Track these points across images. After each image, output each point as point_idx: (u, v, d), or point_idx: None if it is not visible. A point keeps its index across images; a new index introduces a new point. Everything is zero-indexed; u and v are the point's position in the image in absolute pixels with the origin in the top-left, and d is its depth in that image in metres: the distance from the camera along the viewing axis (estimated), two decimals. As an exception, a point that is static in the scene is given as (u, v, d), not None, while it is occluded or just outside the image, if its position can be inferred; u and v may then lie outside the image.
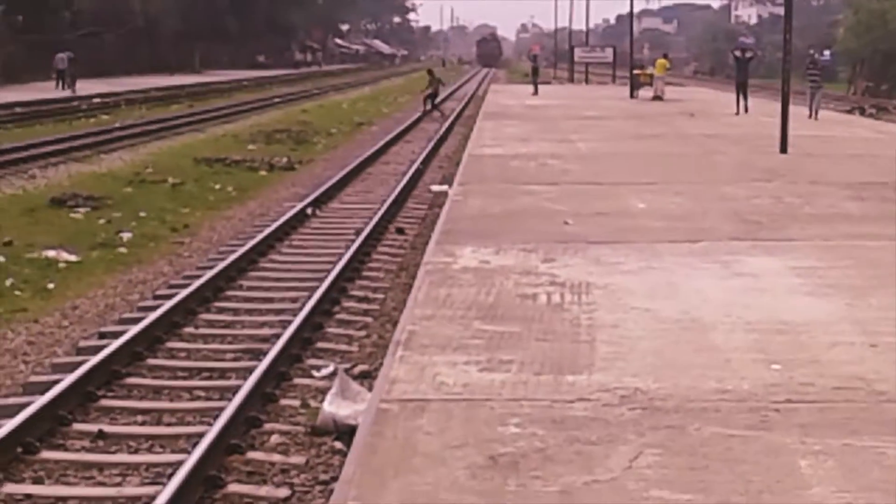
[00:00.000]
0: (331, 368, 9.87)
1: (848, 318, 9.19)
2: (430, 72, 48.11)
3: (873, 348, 8.28)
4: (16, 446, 7.90)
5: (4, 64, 57.37)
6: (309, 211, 19.00)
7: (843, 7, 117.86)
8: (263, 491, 7.37)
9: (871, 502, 5.58)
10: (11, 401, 9.14)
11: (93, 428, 8.54)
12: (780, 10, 29.15)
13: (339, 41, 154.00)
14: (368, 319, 11.97)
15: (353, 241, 15.77)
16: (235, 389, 9.06)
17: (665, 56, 52.76)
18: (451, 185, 19.45)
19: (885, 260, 11.65)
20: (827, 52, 37.33)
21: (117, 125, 36.36)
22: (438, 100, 46.78)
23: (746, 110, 35.79)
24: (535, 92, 52.85)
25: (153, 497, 6.90)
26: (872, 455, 6.18)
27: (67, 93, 51.32)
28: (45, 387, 9.17)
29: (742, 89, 37.09)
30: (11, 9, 66.86)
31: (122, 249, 16.40)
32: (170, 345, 10.93)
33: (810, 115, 33.67)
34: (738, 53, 41.37)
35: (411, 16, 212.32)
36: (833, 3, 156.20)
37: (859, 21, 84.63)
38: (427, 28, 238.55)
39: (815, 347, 8.31)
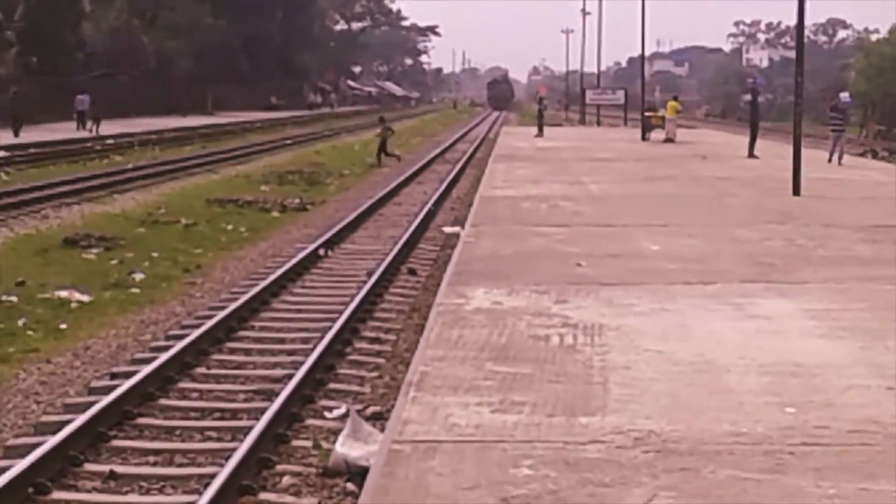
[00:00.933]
0: (343, 409, 9.86)
1: (863, 361, 9.16)
2: (381, 119, 47.19)
3: (889, 391, 8.25)
4: (27, 486, 7.89)
5: (18, 106, 57.54)
6: (321, 252, 19.01)
7: (854, 51, 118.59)
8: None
9: (888, 547, 5.56)
10: (23, 441, 9.15)
11: (104, 468, 8.54)
12: (792, 54, 29.18)
13: (351, 83, 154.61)
14: (381, 360, 11.97)
15: (365, 281, 15.78)
16: (247, 430, 9.04)
17: (675, 98, 52.83)
18: (463, 226, 19.45)
19: (900, 303, 11.64)
20: (846, 95, 36.73)
21: (130, 166, 36.61)
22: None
23: (756, 155, 35.73)
24: (540, 133, 52.97)
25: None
26: (889, 499, 6.15)
27: (88, 133, 51.47)
28: (57, 427, 9.17)
29: (754, 131, 37.10)
30: (25, 50, 67.28)
31: (135, 290, 16.44)
32: (182, 385, 10.93)
33: (830, 160, 33.17)
34: (752, 96, 41.51)
35: (423, 58, 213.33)
36: (844, 46, 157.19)
37: (870, 64, 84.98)
38: (439, 70, 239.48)
39: (830, 390, 8.28)
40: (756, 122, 37.71)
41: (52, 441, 8.58)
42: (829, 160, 32.86)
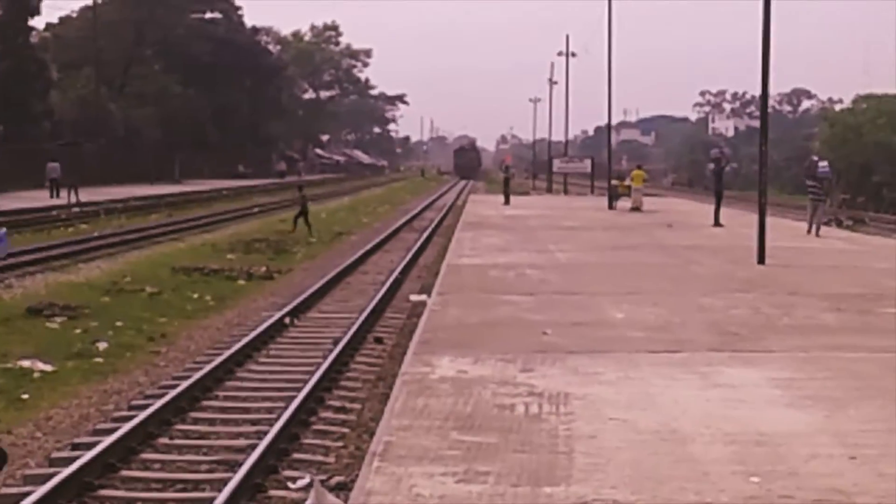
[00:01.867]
0: (307, 480, 9.80)
1: (827, 430, 9.19)
2: (299, 188, 46.89)
3: (852, 461, 8.27)
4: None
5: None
6: (287, 321, 18.97)
7: (818, 120, 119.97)
8: None
9: None
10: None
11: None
12: (757, 123, 29.47)
13: (319, 151, 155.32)
14: (346, 430, 11.91)
15: (331, 350, 15.73)
16: (209, 502, 8.98)
17: (641, 167, 53.35)
18: (429, 294, 19.45)
19: (865, 371, 11.69)
20: (825, 165, 35.88)
21: (96, 234, 36.55)
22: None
23: (721, 224, 35.79)
24: (507, 202, 53.40)
25: None
26: (853, 569, 6.16)
27: (66, 202, 51.22)
28: (16, 499, 9.09)
29: (719, 200, 37.28)
30: (-7, 118, 67.39)
31: (99, 359, 16.33)
32: (144, 456, 10.84)
33: (809, 231, 32.15)
34: (716, 166, 41.70)
35: (391, 126, 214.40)
36: (808, 116, 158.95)
37: (835, 134, 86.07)
38: (407, 138, 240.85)
39: (794, 459, 8.30)
40: (720, 191, 37.91)
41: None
42: (808, 231, 32.12)
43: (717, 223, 35.69)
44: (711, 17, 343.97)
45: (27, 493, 9.10)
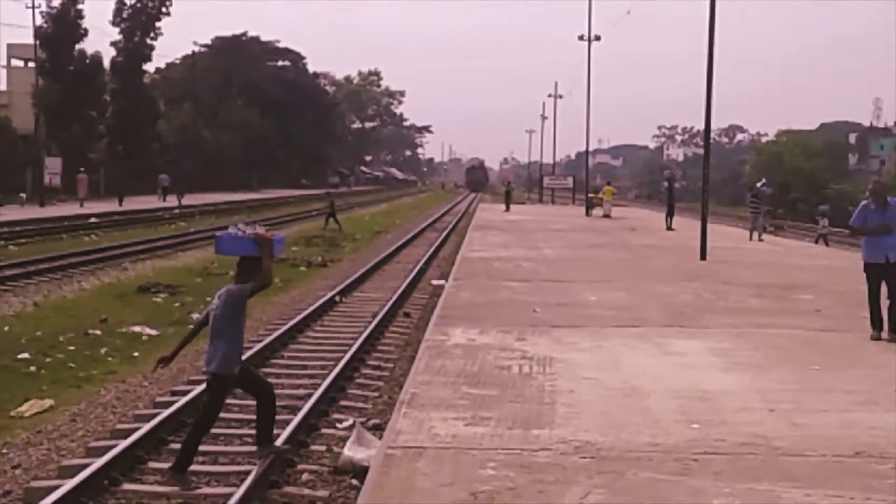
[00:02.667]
0: (350, 421, 9.81)
1: (752, 389, 9.18)
2: (328, 193, 47.25)
3: (771, 412, 8.27)
4: (103, 479, 7.82)
5: (112, 182, 58.26)
6: (337, 299, 18.97)
7: (749, 149, 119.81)
8: (295, 518, 7.30)
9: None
10: (101, 444, 9.08)
11: (164, 465, 8.46)
12: (702, 151, 29.43)
13: (364, 168, 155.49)
14: (380, 383, 11.92)
15: (370, 322, 15.74)
16: (274, 437, 8.97)
17: (609, 184, 53.61)
18: (447, 279, 19.45)
19: (781, 344, 11.68)
20: (766, 184, 36.16)
21: (192, 230, 36.58)
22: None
23: (673, 228, 35.74)
24: (507, 209, 54.15)
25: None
26: (769, 497, 6.17)
27: (171, 204, 52.85)
28: (128, 433, 9.11)
29: (671, 210, 37.27)
30: (114, 140, 67.60)
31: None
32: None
33: (751, 237, 31.59)
34: (668, 183, 41.67)
35: (419, 150, 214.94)
36: (741, 146, 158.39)
37: (761, 160, 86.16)
38: (431, 159, 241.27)
39: (726, 411, 8.29)
40: (672, 203, 37.87)
41: (123, 444, 8.52)
42: (751, 238, 31.51)
43: (669, 228, 35.64)
44: (666, 68, 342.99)
45: (136, 429, 9.14)
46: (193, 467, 8.35)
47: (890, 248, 11.69)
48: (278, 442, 8.56)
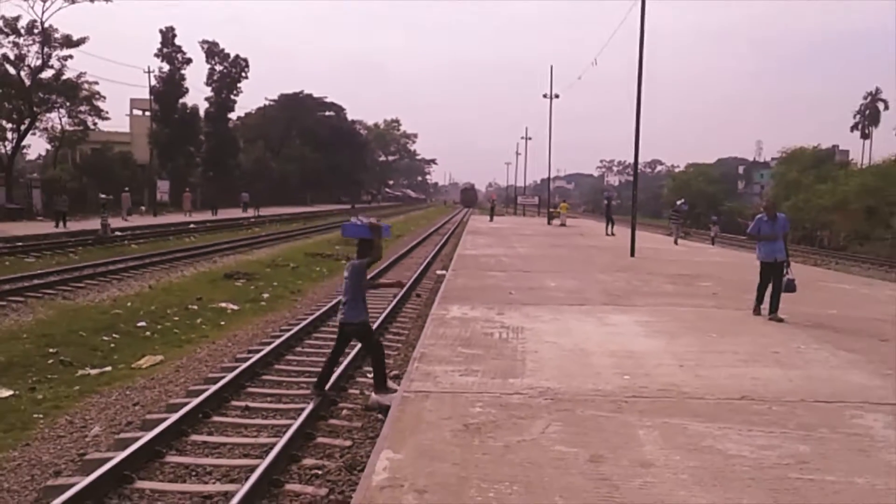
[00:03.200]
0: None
1: (667, 351, 9.18)
2: (353, 206, 48.02)
3: (681, 367, 8.27)
4: (199, 413, 7.85)
5: (206, 199, 58.48)
6: (368, 283, 18.96)
7: (666, 177, 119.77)
8: (337, 442, 7.30)
9: (676, 454, 5.55)
10: (198, 387, 9.10)
11: (242, 404, 8.47)
12: (632, 178, 29.44)
13: (387, 189, 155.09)
14: (399, 345, 11.93)
15: (392, 300, 15.73)
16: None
17: (565, 202, 53.72)
18: (447, 270, 19.44)
19: (688, 318, 11.67)
20: (684, 202, 37.43)
21: (263, 234, 36.55)
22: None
23: (613, 234, 35.69)
24: (491, 219, 53.98)
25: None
26: (679, 429, 6.17)
27: (250, 214, 52.93)
28: (217, 380, 9.14)
29: (609, 221, 37.21)
30: (207, 168, 67.60)
31: (263, 303, 16.39)
32: (287, 357, 10.86)
33: (676, 242, 31.27)
34: (607, 202, 41.62)
35: (428, 176, 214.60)
36: (660, 174, 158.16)
37: (675, 186, 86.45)
38: (436, 183, 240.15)
39: (648, 366, 8.29)
40: (610, 216, 37.83)
41: (212, 388, 8.54)
42: (675, 242, 31.20)
43: (609, 234, 35.51)
44: (606, 116, 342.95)
45: (221, 378, 9.16)
46: (268, 405, 8.38)
47: (777, 251, 11.69)
48: (327, 385, 8.58)
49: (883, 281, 22.36)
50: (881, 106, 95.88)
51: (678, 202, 36.45)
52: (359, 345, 9.94)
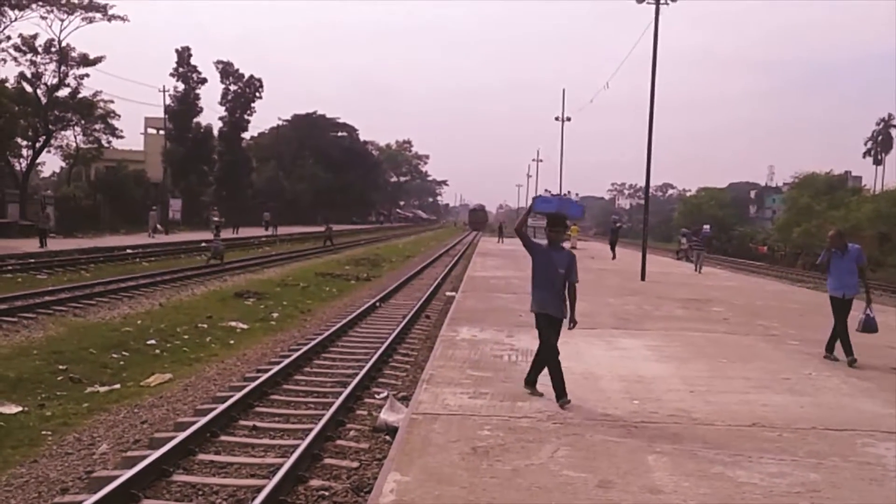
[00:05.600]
0: (385, 393, 9.80)
1: (677, 375, 9.14)
2: (327, 226, 47.83)
3: (691, 393, 8.23)
4: (206, 433, 7.84)
5: (227, 218, 59.01)
6: (377, 304, 18.98)
7: (677, 201, 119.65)
8: (345, 463, 7.28)
9: (686, 481, 5.51)
10: (205, 406, 9.10)
11: (250, 424, 8.46)
12: (642, 201, 29.35)
13: (399, 210, 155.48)
14: (407, 366, 11.90)
15: (401, 321, 15.73)
16: (330, 405, 8.98)
17: (574, 224, 53.73)
18: (456, 291, 19.43)
19: (699, 342, 11.62)
20: (707, 228, 35.03)
21: (273, 253, 36.66)
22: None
23: (615, 257, 35.49)
24: (500, 241, 53.93)
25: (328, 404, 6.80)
26: (689, 455, 6.13)
27: (270, 233, 53.28)
28: (225, 398, 9.14)
29: (614, 245, 37.07)
30: (219, 188, 68.02)
31: (273, 322, 16.42)
32: (296, 377, 10.86)
33: (696, 270, 28.67)
34: (613, 226, 41.62)
35: (439, 197, 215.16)
36: (671, 198, 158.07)
37: (686, 210, 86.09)
38: (447, 204, 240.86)
39: (658, 391, 8.25)
40: (615, 240, 37.66)
41: (221, 407, 8.54)
42: (696, 270, 28.69)
43: (613, 258, 35.28)
44: (618, 140, 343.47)
45: (229, 397, 9.16)
46: (276, 425, 8.35)
47: (847, 286, 10.33)
48: (335, 405, 8.56)
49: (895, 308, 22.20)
50: (894, 132, 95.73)
51: (704, 228, 33.63)
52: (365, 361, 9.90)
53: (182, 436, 7.43)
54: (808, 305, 18.22)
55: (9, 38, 46.03)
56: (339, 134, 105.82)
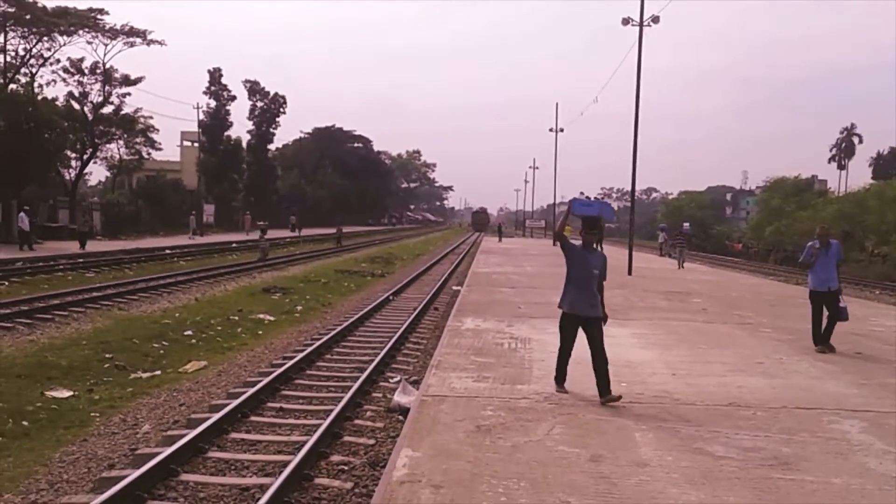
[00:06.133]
0: (398, 378, 9.81)
1: (660, 361, 9.12)
2: (338, 228, 47.36)
3: (674, 376, 8.22)
4: (238, 414, 7.86)
5: (257, 220, 59.10)
6: (390, 297, 18.98)
7: (660, 203, 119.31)
8: (362, 441, 7.29)
9: (669, 455, 5.50)
10: (237, 390, 9.12)
11: (277, 406, 8.47)
12: (629, 203, 29.17)
13: (409, 213, 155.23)
14: (418, 353, 11.90)
15: (412, 313, 15.74)
16: (349, 388, 8.99)
17: (568, 225, 53.40)
18: (462, 286, 19.42)
19: (681, 331, 11.59)
20: (687, 226, 34.27)
21: (297, 252, 36.67)
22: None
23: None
24: (500, 240, 54.16)
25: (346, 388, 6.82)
26: (672, 432, 6.12)
27: (296, 234, 53.10)
28: (255, 383, 9.16)
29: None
30: (248, 193, 68.01)
31: (297, 314, 16.43)
32: (318, 363, 10.87)
33: (679, 266, 27.59)
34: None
35: (445, 201, 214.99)
36: (655, 200, 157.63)
37: (669, 211, 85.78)
38: (453, 207, 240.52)
39: (643, 375, 8.24)
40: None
41: (250, 391, 8.56)
42: (679, 266, 27.57)
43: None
44: (607, 148, 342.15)
45: (258, 381, 9.18)
46: (300, 406, 8.37)
47: (831, 280, 9.90)
48: (353, 389, 8.56)
49: (858, 299, 22.12)
50: (856, 140, 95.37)
51: (684, 226, 32.76)
52: (382, 346, 9.89)
53: (216, 416, 7.45)
54: (780, 297, 18.17)
55: (58, 60, 46.10)
56: (356, 145, 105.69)
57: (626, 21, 23.43)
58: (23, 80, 43.33)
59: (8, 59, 42.76)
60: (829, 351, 9.95)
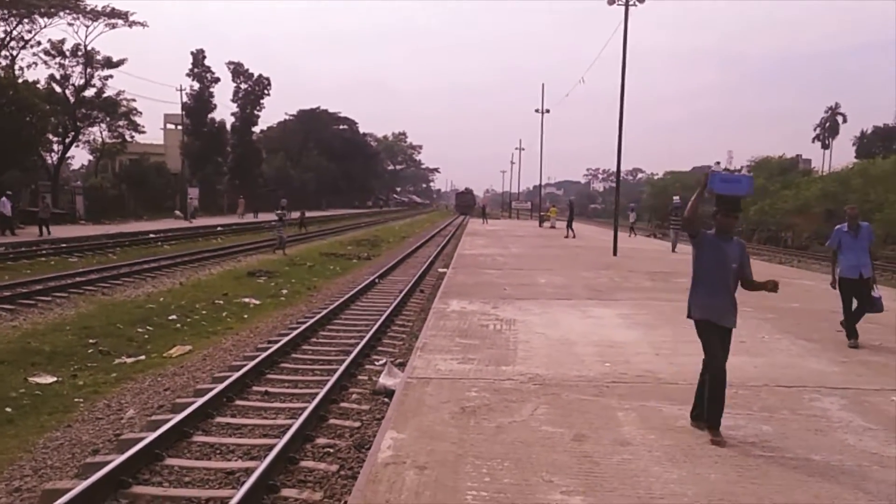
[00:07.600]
0: (383, 360, 9.81)
1: (645, 340, 9.17)
2: (301, 212, 45.54)
3: (657, 356, 8.26)
4: (223, 398, 7.83)
5: (230, 205, 58.42)
6: (376, 280, 18.96)
7: (646, 184, 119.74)
8: (347, 423, 7.29)
9: (652, 433, 5.53)
10: (222, 374, 9.08)
11: (262, 389, 8.45)
12: (615, 184, 29.22)
13: (395, 195, 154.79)
14: (403, 335, 11.90)
15: (398, 295, 15.72)
16: (334, 371, 8.98)
17: (554, 206, 53.53)
18: (448, 268, 19.41)
19: (665, 311, 11.64)
20: (677, 198, 31.33)
21: (283, 236, 36.43)
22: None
23: (571, 235, 34.21)
24: (485, 222, 54.12)
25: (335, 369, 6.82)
26: (654, 411, 6.16)
27: (288, 217, 52.18)
28: (239, 367, 9.13)
29: (570, 223, 36.28)
30: (233, 177, 67.55)
31: (282, 298, 16.37)
32: (304, 347, 10.84)
33: (672, 250, 26.01)
34: (570, 205, 40.80)
35: (432, 183, 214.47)
36: (640, 181, 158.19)
37: (654, 192, 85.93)
38: (439, 189, 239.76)
39: (628, 354, 8.28)
40: (571, 219, 36.91)
41: (235, 375, 8.53)
42: (673, 250, 26.03)
43: (567, 236, 33.67)
44: (592, 129, 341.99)
45: (243, 366, 9.15)
46: (286, 390, 8.34)
47: (863, 266, 8.99)
48: (338, 372, 8.55)
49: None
50: (840, 119, 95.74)
51: (675, 198, 29.68)
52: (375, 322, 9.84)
53: (201, 401, 7.42)
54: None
55: (39, 43, 45.52)
56: (341, 127, 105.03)
57: (611, 1, 23.32)
58: (3, 62, 42.66)
59: (-13, 41, 42.05)
60: (853, 345, 8.96)
